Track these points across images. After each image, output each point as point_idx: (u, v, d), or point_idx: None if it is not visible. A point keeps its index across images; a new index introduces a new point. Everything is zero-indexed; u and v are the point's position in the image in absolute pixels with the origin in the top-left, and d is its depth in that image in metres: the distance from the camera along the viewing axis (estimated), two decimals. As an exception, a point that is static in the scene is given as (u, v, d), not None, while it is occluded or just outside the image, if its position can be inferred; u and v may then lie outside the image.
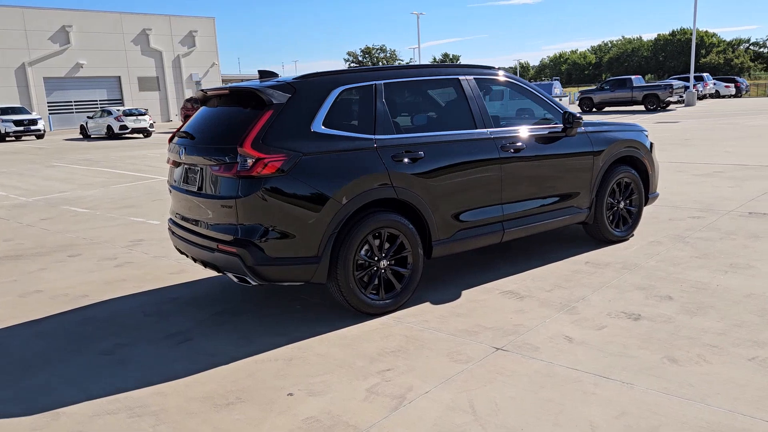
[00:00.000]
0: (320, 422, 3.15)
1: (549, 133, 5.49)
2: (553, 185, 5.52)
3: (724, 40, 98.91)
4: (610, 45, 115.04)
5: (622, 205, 6.17)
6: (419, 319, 4.46)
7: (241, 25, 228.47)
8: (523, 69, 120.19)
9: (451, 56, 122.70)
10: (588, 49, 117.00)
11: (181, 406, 3.41)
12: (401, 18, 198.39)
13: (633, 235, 6.38)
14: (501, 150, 5.10)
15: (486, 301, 4.76)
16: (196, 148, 4.53)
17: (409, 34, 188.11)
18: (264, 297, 5.15)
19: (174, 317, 4.79)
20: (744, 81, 48.54)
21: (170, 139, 5.17)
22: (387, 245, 4.54)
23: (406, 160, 4.56)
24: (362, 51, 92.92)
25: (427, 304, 4.76)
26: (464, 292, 4.97)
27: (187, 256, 4.94)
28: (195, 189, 4.53)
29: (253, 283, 4.24)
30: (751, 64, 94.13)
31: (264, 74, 4.96)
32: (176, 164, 4.91)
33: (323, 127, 4.34)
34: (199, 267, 6.03)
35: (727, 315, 4.22)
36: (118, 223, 8.62)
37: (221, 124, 4.58)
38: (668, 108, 33.42)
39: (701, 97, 41.80)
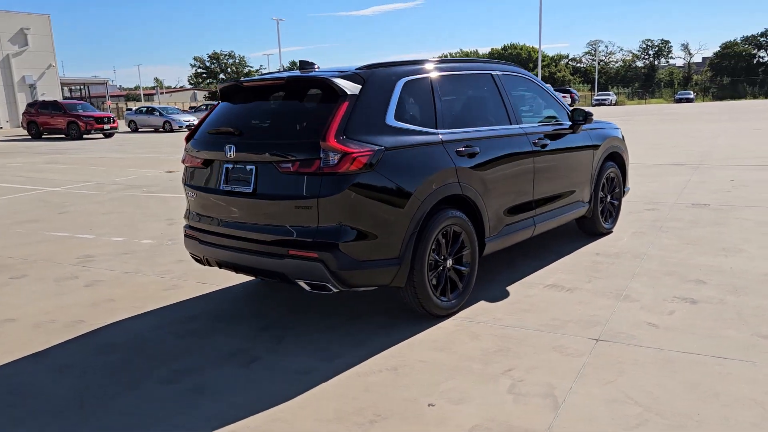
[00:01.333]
0: (492, 430, 2.95)
1: (561, 129, 5.63)
2: (568, 180, 5.67)
3: (548, 55, 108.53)
4: (449, 57, 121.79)
5: (608, 198, 6.50)
6: (490, 317, 4.35)
7: (81, 24, 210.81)
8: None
9: (281, 65, 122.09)
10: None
11: (318, 429, 3.02)
12: (253, 23, 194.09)
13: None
14: (533, 145, 5.15)
15: (538, 295, 4.75)
16: (252, 145, 4.06)
17: (259, 39, 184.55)
18: (300, 308, 4.73)
19: (216, 336, 4.24)
20: (576, 92, 53.67)
21: (188, 138, 4.60)
22: (450, 243, 4.38)
23: (466, 155, 4.44)
24: (209, 56, 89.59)
25: (483, 302, 4.65)
26: (509, 289, 4.93)
27: (220, 267, 4.42)
28: (247, 190, 4.05)
29: (333, 291, 3.87)
30: (571, 77, 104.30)
31: (304, 65, 4.57)
32: (206, 164, 4.37)
33: (395, 121, 4.09)
34: (194, 281, 5.44)
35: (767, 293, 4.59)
36: (39, 239, 7.49)
37: (283, 118, 4.15)
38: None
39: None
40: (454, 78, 4.73)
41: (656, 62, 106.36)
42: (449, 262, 4.36)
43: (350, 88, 3.93)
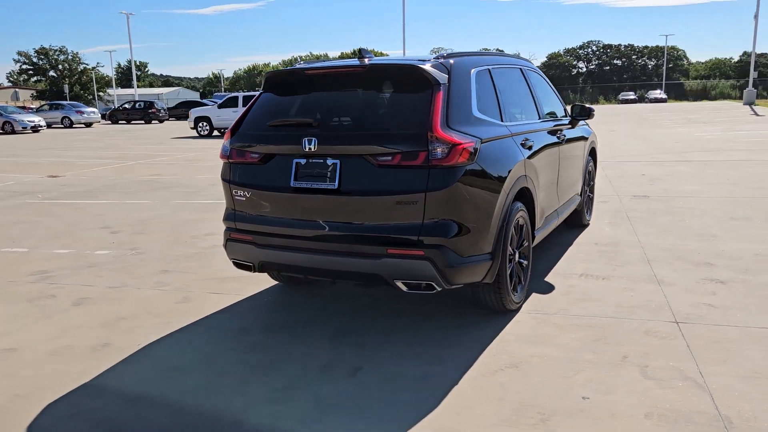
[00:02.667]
0: (667, 417, 2.95)
1: (564, 123, 5.81)
2: (574, 173, 5.87)
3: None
4: (299, 60, 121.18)
5: (587, 191, 6.82)
6: (556, 308, 4.36)
7: None
8: (216, 79, 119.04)
9: (138, 62, 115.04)
10: (279, 63, 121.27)
11: (496, 436, 2.84)
12: (83, 19, 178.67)
13: (586, 219, 7.08)
14: (557, 138, 5.26)
15: (579, 285, 4.86)
16: (338, 137, 3.72)
17: (93, 35, 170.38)
18: (348, 312, 4.44)
19: (290, 348, 3.84)
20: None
21: (232, 131, 4.12)
22: (517, 237, 4.34)
23: (527, 148, 4.43)
24: (36, 51, 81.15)
25: (536, 295, 4.66)
26: (548, 280, 4.99)
27: (283, 272, 4.04)
28: (330, 186, 3.71)
29: (438, 290, 3.66)
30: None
31: (363, 53, 4.26)
32: (265, 159, 3.94)
33: (478, 111, 3.97)
34: (203, 292, 4.92)
35: (774, 271, 5.07)
36: (-40, 256, 6.33)
37: (369, 108, 3.85)
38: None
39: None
40: (502, 70, 4.69)
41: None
42: (516, 256, 4.31)
43: (441, 77, 3.75)
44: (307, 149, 3.73)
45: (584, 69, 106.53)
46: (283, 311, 4.52)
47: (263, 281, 5.14)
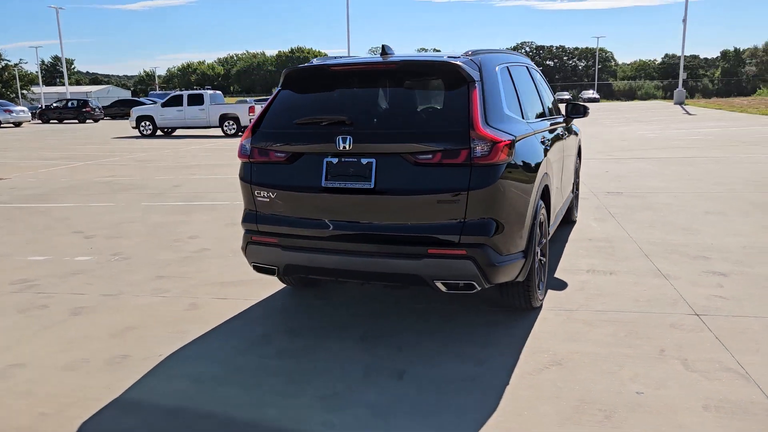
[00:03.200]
0: (725, 408, 3.00)
1: (561, 121, 5.88)
2: (572, 169, 5.95)
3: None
4: (236, 58, 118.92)
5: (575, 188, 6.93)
6: (576, 305, 4.40)
7: None
8: (149, 77, 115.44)
9: (64, 59, 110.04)
10: (215, 61, 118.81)
11: (567, 435, 2.82)
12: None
13: (571, 215, 7.20)
14: (562, 137, 5.31)
15: (590, 280, 4.91)
16: (374, 135, 3.62)
17: (10, 30, 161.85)
18: (369, 313, 4.34)
19: (320, 353, 3.71)
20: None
21: (253, 129, 3.96)
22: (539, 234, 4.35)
23: (546, 146, 4.45)
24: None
25: (551, 291, 4.69)
26: (558, 277, 5.04)
27: (309, 275, 3.91)
28: (366, 186, 3.61)
29: (477, 289, 3.62)
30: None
31: (387, 50, 4.16)
32: (292, 158, 3.80)
33: (507, 109, 3.95)
34: (209, 297, 4.74)
35: None
36: (-77, 265, 5.85)
37: (402, 105, 3.76)
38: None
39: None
40: (516, 68, 4.69)
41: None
42: (539, 253, 4.33)
43: (474, 74, 3.71)
44: (341, 148, 3.62)
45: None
46: (301, 315, 4.37)
47: (270, 285, 4.97)
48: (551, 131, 5.01)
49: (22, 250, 6.40)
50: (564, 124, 5.87)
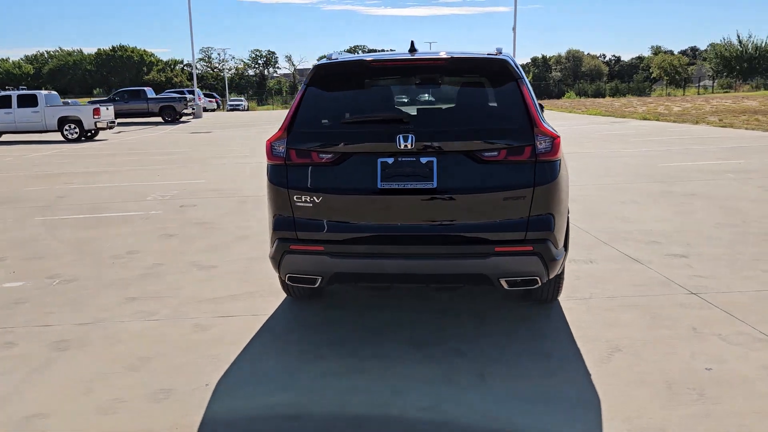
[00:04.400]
0: (784, 373, 3.32)
1: None
2: None
3: (162, 60, 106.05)
4: (47, 56, 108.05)
5: None
6: (584, 293, 4.60)
7: None
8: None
9: None
10: (22, 59, 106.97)
11: (662, 414, 2.95)
12: None
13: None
14: None
15: (583, 269, 5.16)
16: (436, 133, 3.50)
17: None
18: (398, 322, 4.22)
19: (382, 363, 3.54)
20: (218, 96, 54.09)
21: (288, 129, 3.66)
22: None
23: None
24: None
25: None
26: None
27: (359, 282, 3.74)
28: (428, 185, 3.49)
29: (538, 285, 3.64)
30: (188, 82, 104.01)
31: (413, 46, 4.03)
32: (340, 159, 3.56)
33: (538, 107, 4.02)
34: (214, 316, 4.39)
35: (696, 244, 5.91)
36: None
37: (461, 102, 3.68)
38: (182, 120, 34.69)
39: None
40: None
41: (266, 71, 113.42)
42: None
43: (520, 71, 3.74)
44: (402, 147, 3.46)
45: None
46: (327, 327, 4.12)
47: (266, 298, 4.64)
48: None
49: None
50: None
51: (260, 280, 5.06)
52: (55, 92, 24.83)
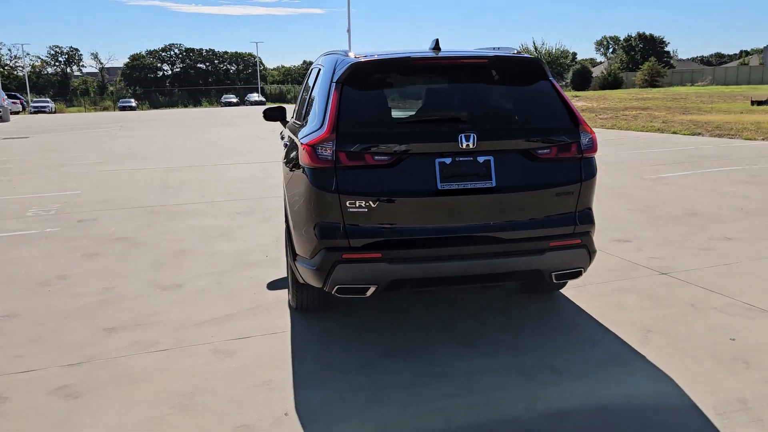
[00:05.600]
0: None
1: None
2: None
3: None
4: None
5: None
6: (575, 281, 4.86)
7: None
8: None
9: None
10: None
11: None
12: None
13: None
14: None
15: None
16: (493, 131, 3.50)
17: None
18: (424, 326, 4.15)
19: (447, 371, 3.46)
20: (22, 98, 48.36)
21: (335, 130, 3.42)
22: None
23: None
24: None
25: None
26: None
27: (418, 289, 3.62)
28: (487, 185, 3.47)
29: (581, 276, 3.78)
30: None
31: (437, 44, 3.93)
32: (397, 161, 3.41)
33: None
34: (230, 337, 4.07)
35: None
36: None
37: (500, 100, 3.72)
38: (-14, 124, 30.62)
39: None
40: None
41: (68, 69, 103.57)
42: None
43: (548, 71, 3.85)
44: (464, 146, 3.40)
45: (170, 72, 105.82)
46: (363, 337, 3.92)
47: (275, 312, 4.31)
48: None
49: None
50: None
51: (244, 295, 4.67)
52: None
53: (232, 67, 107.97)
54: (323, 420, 2.96)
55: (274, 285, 4.91)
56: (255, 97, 69.27)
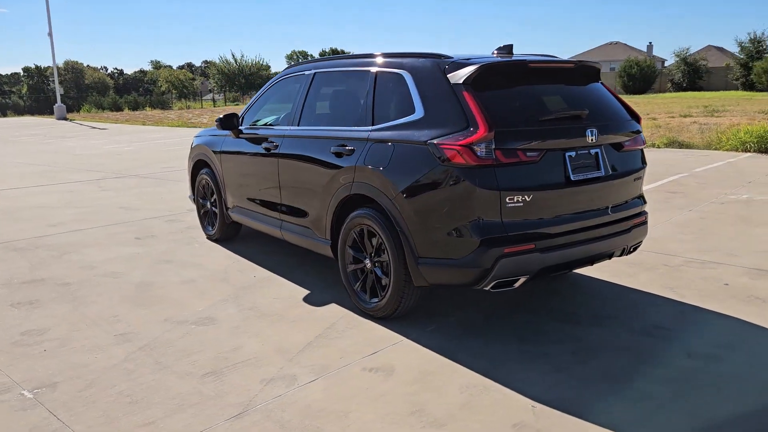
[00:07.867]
0: None
1: None
2: None
3: None
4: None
5: None
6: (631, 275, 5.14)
7: None
8: None
9: None
10: None
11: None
12: None
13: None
14: None
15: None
16: (605, 127, 3.96)
17: None
18: (487, 322, 4.16)
19: (559, 364, 3.56)
20: None
21: (493, 128, 3.50)
22: None
23: None
24: None
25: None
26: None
27: (558, 271, 3.87)
28: (599, 174, 3.92)
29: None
30: None
31: (504, 49, 4.23)
32: (542, 154, 3.65)
33: None
34: (289, 372, 3.76)
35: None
36: None
37: (588, 99, 4.13)
38: None
39: None
40: None
41: None
42: None
43: None
44: (590, 141, 3.81)
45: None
46: (438, 342, 3.81)
47: (287, 324, 3.90)
48: None
49: None
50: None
51: (265, 329, 4.11)
52: None
53: None
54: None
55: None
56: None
